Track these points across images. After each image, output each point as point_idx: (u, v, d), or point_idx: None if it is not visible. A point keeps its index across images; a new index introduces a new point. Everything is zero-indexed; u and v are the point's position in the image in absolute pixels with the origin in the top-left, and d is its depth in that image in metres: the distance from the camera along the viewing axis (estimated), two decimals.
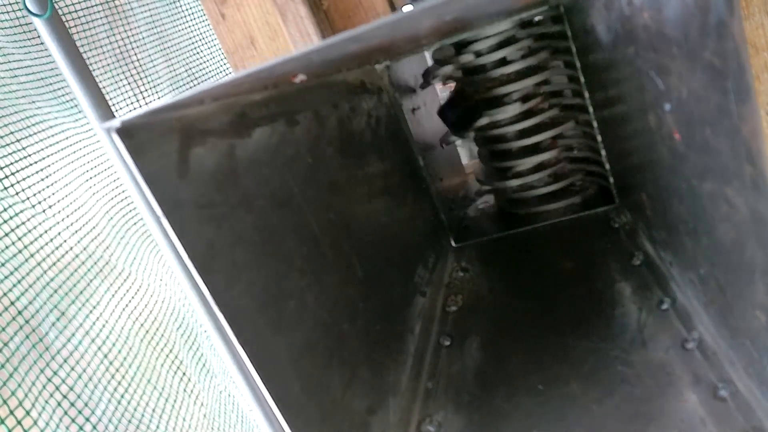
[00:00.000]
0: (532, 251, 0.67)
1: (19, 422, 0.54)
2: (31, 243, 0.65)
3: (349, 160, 0.54)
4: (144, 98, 0.90)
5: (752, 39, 0.65)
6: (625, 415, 0.41)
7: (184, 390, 0.80)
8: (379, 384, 0.47)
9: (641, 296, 0.50)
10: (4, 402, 0.54)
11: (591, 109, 0.60)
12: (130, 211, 0.84)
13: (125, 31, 0.88)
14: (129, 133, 0.29)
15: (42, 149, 0.71)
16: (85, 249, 0.72)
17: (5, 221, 0.62)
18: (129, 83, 0.88)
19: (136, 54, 0.89)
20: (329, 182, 0.49)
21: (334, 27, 0.77)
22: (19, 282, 0.61)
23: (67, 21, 0.76)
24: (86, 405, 0.63)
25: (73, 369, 0.63)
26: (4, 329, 0.57)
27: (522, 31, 0.63)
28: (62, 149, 0.75)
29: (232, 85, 0.31)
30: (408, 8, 0.25)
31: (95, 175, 0.79)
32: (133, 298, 0.78)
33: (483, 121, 0.67)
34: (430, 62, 0.82)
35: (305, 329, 0.40)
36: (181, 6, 1.00)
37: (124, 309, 0.75)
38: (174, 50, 0.97)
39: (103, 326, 0.70)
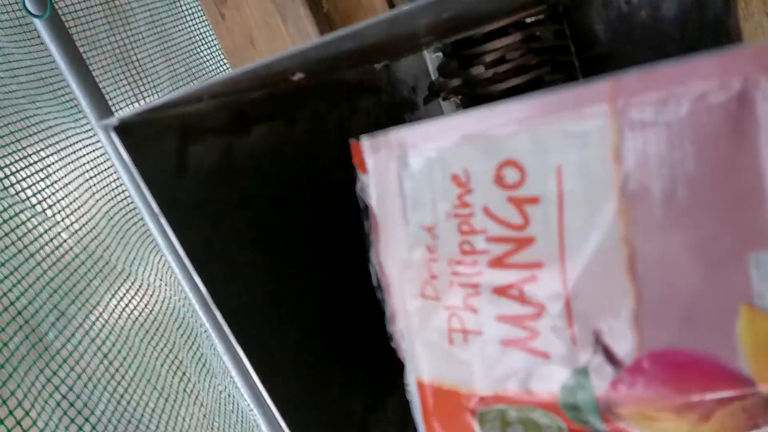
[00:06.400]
0: None
1: (18, 422, 0.54)
2: (31, 243, 0.65)
3: (347, 159, 0.54)
4: (144, 98, 0.90)
5: (751, 39, 0.65)
6: None
7: (184, 390, 0.80)
8: (377, 383, 0.47)
9: None
10: (4, 402, 0.54)
11: None
12: (130, 211, 0.84)
13: (125, 31, 0.88)
14: (127, 130, 0.29)
15: (42, 149, 0.71)
16: (85, 249, 0.72)
17: (5, 221, 0.62)
18: (129, 83, 0.88)
19: (136, 54, 0.90)
20: (328, 181, 0.49)
21: (333, 27, 0.77)
22: (18, 282, 0.61)
23: (67, 21, 0.76)
24: (86, 405, 0.63)
25: (72, 369, 0.63)
26: (3, 329, 0.57)
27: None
28: (62, 149, 0.75)
29: (230, 83, 0.31)
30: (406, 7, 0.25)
31: (95, 175, 0.79)
32: (133, 298, 0.78)
33: None
34: (429, 63, 0.82)
35: (304, 328, 0.40)
36: (181, 6, 1.00)
37: (124, 309, 0.75)
38: (174, 50, 0.97)
39: (103, 326, 0.70)
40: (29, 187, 0.67)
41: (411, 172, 0.31)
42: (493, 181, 0.28)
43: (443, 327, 0.31)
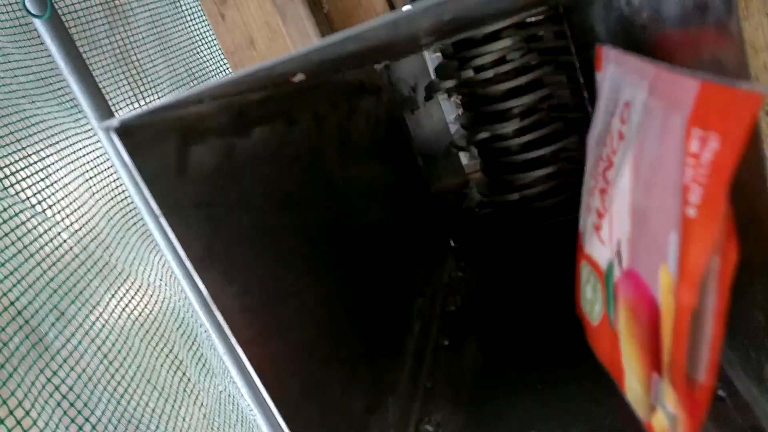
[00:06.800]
0: (531, 251, 0.67)
1: (18, 422, 0.54)
2: (31, 243, 0.65)
3: (348, 159, 0.54)
4: (144, 98, 0.90)
5: (751, 39, 0.65)
6: (623, 415, 0.40)
7: (184, 390, 0.80)
8: (378, 384, 0.47)
9: None
10: (4, 402, 0.54)
11: (590, 109, 0.60)
12: (130, 211, 0.83)
13: (125, 31, 0.88)
14: (128, 132, 0.29)
15: (42, 149, 0.71)
16: (85, 249, 0.72)
17: (5, 221, 0.62)
18: (129, 83, 0.88)
19: (136, 54, 0.89)
20: (328, 182, 0.49)
21: (333, 27, 0.77)
22: (18, 282, 0.61)
23: (66, 21, 0.76)
24: (86, 405, 0.63)
25: (72, 369, 0.63)
26: (3, 329, 0.57)
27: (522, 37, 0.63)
28: (62, 149, 0.75)
29: (231, 85, 0.31)
30: (407, 8, 0.25)
31: (95, 175, 0.79)
32: (133, 298, 0.78)
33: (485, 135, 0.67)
34: (429, 63, 0.82)
35: (304, 329, 0.40)
36: (181, 6, 1.00)
37: (124, 309, 0.75)
38: (174, 50, 0.97)
39: (103, 326, 0.70)
40: (29, 187, 0.67)
41: (610, 85, 0.37)
42: (620, 114, 0.34)
43: (592, 221, 0.40)
